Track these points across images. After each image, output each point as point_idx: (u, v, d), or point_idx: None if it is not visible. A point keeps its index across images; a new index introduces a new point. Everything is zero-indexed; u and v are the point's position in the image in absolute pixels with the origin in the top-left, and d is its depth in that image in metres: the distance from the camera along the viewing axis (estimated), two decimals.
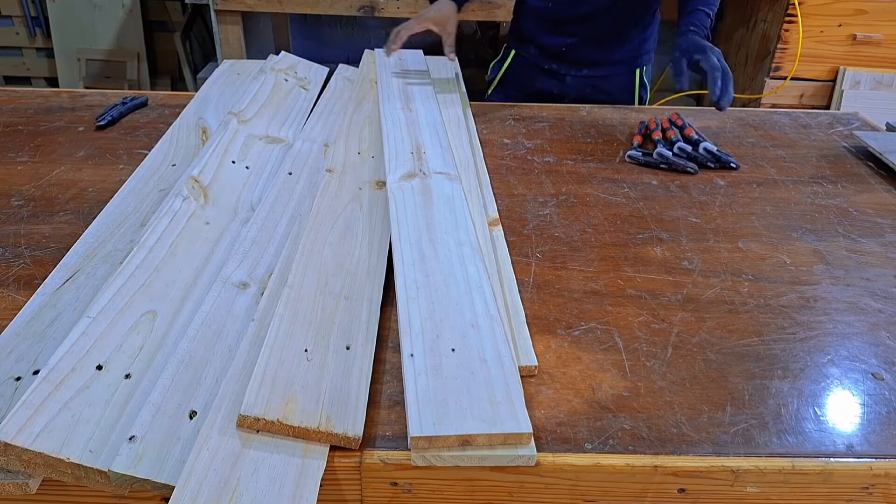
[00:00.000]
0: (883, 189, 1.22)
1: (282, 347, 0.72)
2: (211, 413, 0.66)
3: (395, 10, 2.71)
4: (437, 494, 0.68)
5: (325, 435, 0.65)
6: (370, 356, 0.76)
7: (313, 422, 0.66)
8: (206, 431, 0.64)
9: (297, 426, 0.65)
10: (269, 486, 0.61)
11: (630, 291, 0.91)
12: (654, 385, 0.76)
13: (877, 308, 0.90)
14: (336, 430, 0.66)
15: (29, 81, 3.59)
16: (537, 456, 0.65)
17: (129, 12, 3.33)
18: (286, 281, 0.82)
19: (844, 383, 0.78)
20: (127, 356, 0.72)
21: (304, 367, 0.71)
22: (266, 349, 0.71)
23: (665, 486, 0.68)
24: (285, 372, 0.70)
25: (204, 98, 1.41)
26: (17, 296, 0.85)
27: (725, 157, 1.26)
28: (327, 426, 0.66)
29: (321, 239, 0.92)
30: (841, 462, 0.68)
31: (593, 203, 1.13)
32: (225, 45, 2.78)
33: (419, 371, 0.70)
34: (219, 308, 0.80)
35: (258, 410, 0.65)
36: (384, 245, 0.94)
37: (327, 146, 1.22)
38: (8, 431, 0.60)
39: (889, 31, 2.69)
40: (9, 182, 1.13)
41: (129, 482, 0.61)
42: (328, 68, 1.60)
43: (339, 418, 0.67)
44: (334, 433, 0.65)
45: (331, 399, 0.69)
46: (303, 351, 0.73)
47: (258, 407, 0.65)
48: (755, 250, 1.02)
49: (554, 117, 1.47)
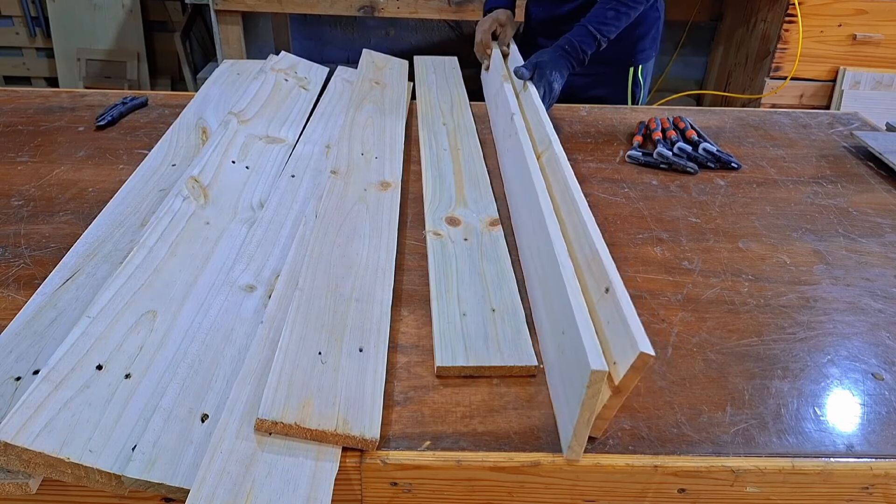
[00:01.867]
0: (883, 189, 1.22)
1: (296, 351, 0.72)
2: (223, 416, 0.66)
3: (395, 10, 2.71)
4: (437, 494, 0.68)
5: (342, 437, 0.65)
6: (384, 358, 0.76)
7: (330, 424, 0.66)
8: (219, 434, 0.64)
9: (315, 429, 0.65)
10: (283, 488, 0.61)
11: (630, 291, 0.91)
12: (654, 385, 0.76)
13: (877, 308, 0.90)
14: (353, 432, 0.66)
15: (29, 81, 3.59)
16: (538, 455, 0.66)
17: (129, 12, 3.33)
18: (297, 283, 0.82)
19: (844, 383, 0.78)
20: (127, 356, 0.72)
21: (318, 370, 0.71)
22: (280, 353, 0.71)
23: (665, 486, 0.68)
24: (301, 375, 0.69)
25: (204, 98, 1.41)
26: (17, 296, 0.85)
27: (726, 158, 1.26)
28: (344, 429, 0.66)
29: (329, 241, 0.92)
30: (841, 462, 0.68)
31: (593, 203, 1.13)
32: (225, 45, 2.78)
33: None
34: (226, 311, 0.81)
35: (275, 414, 0.65)
36: (391, 246, 0.94)
37: (329, 147, 1.22)
38: (8, 431, 0.60)
39: (889, 31, 2.69)
40: (9, 182, 1.13)
41: (144, 486, 0.61)
42: (328, 68, 1.60)
43: (356, 421, 0.67)
44: (351, 435, 0.65)
45: (346, 402, 0.69)
46: (317, 354, 0.73)
47: (275, 411, 0.65)
48: (755, 250, 1.02)
49: (554, 117, 1.46)
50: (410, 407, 0.72)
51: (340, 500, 0.68)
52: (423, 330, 0.83)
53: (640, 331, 0.61)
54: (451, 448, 0.67)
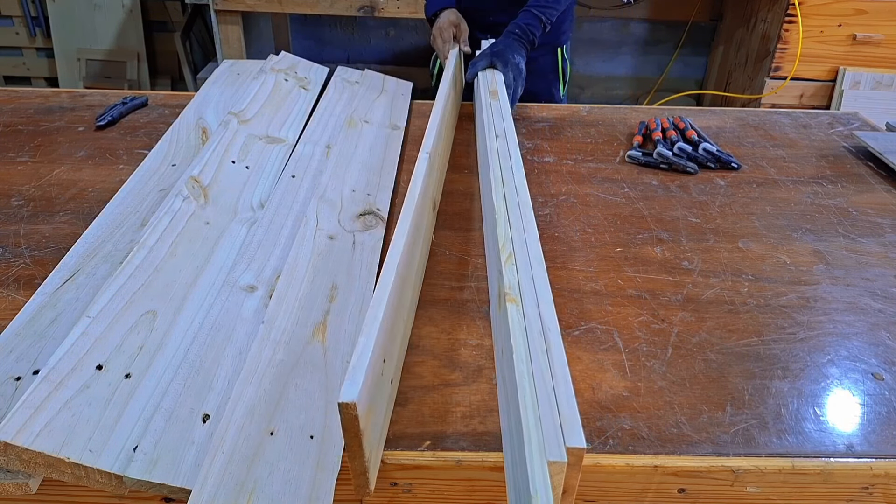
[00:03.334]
0: (883, 189, 1.21)
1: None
2: (225, 416, 0.66)
3: (395, 10, 2.71)
4: (437, 494, 0.68)
5: None
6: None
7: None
8: (220, 434, 0.64)
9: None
10: (284, 488, 0.61)
11: (630, 291, 0.91)
12: (654, 385, 0.76)
13: (877, 308, 0.90)
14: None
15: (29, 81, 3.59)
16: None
17: (129, 12, 3.33)
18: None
19: (844, 383, 0.78)
20: (127, 356, 0.72)
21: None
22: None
23: (665, 486, 0.68)
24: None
25: (204, 98, 1.41)
26: (17, 296, 0.85)
27: (726, 158, 1.26)
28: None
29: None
30: (841, 462, 0.68)
31: (593, 203, 1.13)
32: (225, 45, 2.78)
33: None
34: (227, 311, 0.81)
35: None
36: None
37: (329, 147, 1.22)
38: (8, 431, 0.60)
39: (889, 31, 2.70)
40: (9, 182, 1.13)
41: (145, 486, 0.61)
42: (328, 68, 1.60)
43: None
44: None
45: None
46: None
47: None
48: (755, 250, 1.02)
49: (553, 117, 1.47)
50: (410, 407, 0.72)
51: (340, 500, 0.67)
52: (424, 330, 0.83)
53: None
54: (451, 448, 0.67)
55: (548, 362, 0.60)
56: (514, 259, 0.74)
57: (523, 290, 0.69)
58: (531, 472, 0.50)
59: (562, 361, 0.60)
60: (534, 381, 0.58)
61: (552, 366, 0.59)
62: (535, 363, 0.60)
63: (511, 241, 0.77)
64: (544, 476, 0.50)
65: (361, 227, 0.99)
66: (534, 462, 0.51)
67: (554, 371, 0.59)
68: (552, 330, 0.64)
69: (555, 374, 0.58)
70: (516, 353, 0.61)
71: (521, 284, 0.70)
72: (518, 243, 0.76)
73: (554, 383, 0.57)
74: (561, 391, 0.57)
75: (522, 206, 0.84)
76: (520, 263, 0.73)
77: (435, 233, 1.03)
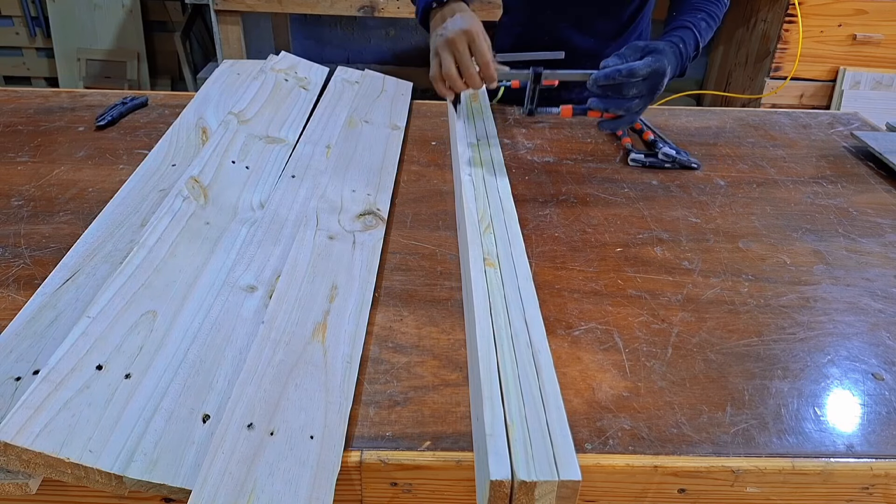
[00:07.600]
0: (883, 189, 1.22)
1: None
2: (225, 416, 0.66)
3: (395, 10, 2.71)
4: (437, 494, 0.68)
5: None
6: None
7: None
8: (220, 435, 0.64)
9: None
10: (285, 488, 0.61)
11: (630, 291, 0.91)
12: (654, 385, 0.76)
13: (877, 308, 0.90)
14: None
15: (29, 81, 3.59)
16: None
17: (129, 12, 3.33)
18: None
19: (844, 383, 0.78)
20: (127, 356, 0.72)
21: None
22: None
23: (665, 486, 0.68)
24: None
25: (204, 98, 1.41)
26: (17, 296, 0.85)
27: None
28: None
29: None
30: (841, 462, 0.68)
31: (593, 203, 1.13)
32: (225, 45, 2.78)
33: None
34: (227, 312, 0.81)
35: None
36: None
37: (329, 147, 1.22)
38: (8, 431, 0.60)
39: (889, 31, 2.70)
40: (9, 182, 1.13)
41: (145, 487, 0.61)
42: (328, 68, 1.60)
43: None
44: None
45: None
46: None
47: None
48: (755, 250, 1.02)
49: (554, 117, 1.47)
50: (410, 407, 0.72)
51: (340, 500, 0.68)
52: (424, 330, 0.83)
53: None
54: (451, 448, 0.67)
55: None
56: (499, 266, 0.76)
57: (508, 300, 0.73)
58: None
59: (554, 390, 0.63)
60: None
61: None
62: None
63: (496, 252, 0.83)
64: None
65: (361, 227, 0.99)
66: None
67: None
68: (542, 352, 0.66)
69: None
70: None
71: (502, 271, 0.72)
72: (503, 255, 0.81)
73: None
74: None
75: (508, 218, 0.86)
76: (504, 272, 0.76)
77: (436, 233, 1.03)
